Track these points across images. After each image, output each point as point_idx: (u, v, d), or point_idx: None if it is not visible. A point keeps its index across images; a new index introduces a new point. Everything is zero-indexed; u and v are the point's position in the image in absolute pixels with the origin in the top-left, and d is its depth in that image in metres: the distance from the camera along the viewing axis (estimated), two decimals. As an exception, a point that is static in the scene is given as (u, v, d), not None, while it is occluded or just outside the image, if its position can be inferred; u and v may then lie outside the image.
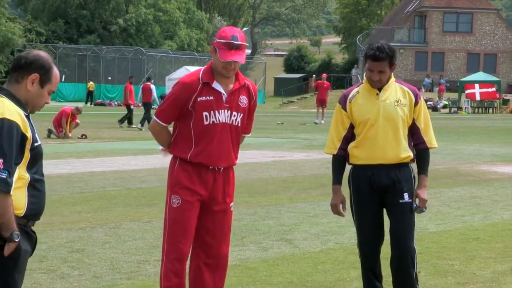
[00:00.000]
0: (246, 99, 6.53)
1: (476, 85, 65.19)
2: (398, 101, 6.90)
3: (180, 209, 6.38)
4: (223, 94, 6.38)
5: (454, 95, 69.23)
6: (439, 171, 20.29)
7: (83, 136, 31.04)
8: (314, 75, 61.15)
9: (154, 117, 6.58)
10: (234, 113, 6.43)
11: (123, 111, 45.24)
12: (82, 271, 9.31)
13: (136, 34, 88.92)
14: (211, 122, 6.35)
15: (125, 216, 12.94)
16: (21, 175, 4.88)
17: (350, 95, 7.02)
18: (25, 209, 4.93)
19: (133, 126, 38.64)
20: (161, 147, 6.84)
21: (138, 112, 40.35)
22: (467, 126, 44.18)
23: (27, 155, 4.89)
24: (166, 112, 6.50)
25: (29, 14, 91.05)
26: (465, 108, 64.29)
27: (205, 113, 6.33)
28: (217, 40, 6.32)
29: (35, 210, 5.01)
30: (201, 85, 6.34)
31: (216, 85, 6.37)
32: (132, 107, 39.20)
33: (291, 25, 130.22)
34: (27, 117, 4.96)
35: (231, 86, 6.44)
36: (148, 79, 40.93)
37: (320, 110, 44.38)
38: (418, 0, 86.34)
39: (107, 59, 78.99)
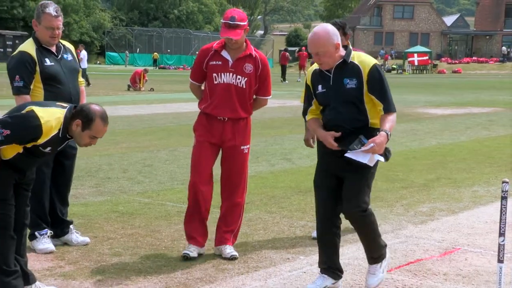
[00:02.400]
0: (252, 66, 5.66)
1: (415, 54, 65.83)
2: None
3: (196, 148, 5.83)
4: (229, 60, 5.62)
5: (400, 61, 69.08)
6: (390, 113, 20.23)
7: (151, 89, 31.06)
8: (298, 49, 60.77)
9: (190, 79, 5.93)
10: (239, 76, 5.63)
11: (179, 73, 44.94)
12: (151, 179, 9.38)
13: (186, 20, 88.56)
14: (218, 82, 5.64)
15: (180, 143, 12.97)
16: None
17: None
18: None
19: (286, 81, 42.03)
20: None
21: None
22: (409, 82, 43.94)
23: None
24: (194, 73, 5.86)
25: (115, 6, 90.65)
26: (407, 70, 64.18)
27: (214, 74, 5.64)
28: (222, 20, 5.64)
29: None
30: (212, 52, 5.66)
31: (224, 53, 5.64)
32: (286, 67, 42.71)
33: (290, 14, 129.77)
34: (64, 137, 4.46)
35: (239, 54, 5.65)
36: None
37: (302, 72, 44.89)
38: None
39: (167, 37, 78.41)
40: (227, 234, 5.85)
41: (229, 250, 5.77)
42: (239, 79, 5.65)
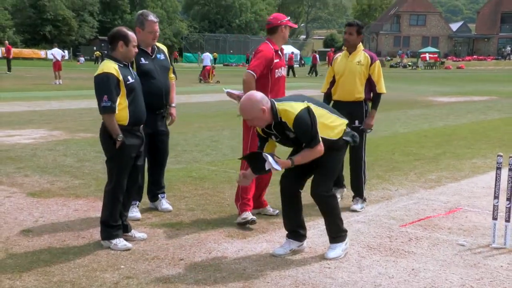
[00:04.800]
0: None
1: (427, 53, 65.08)
2: (359, 62, 5.89)
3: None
4: (282, 56, 5.48)
5: (414, 59, 68.15)
6: (405, 100, 19.91)
7: (218, 82, 31.17)
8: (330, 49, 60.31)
9: (250, 71, 5.31)
10: (284, 68, 5.51)
11: (239, 69, 44.86)
12: (217, 151, 9.43)
13: (245, 28, 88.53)
14: (279, 75, 5.41)
15: (239, 123, 12.94)
16: (122, 101, 4.49)
17: (335, 57, 6.12)
18: (128, 120, 4.54)
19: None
20: (227, 90, 5.75)
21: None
22: (421, 76, 43.16)
23: (123, 90, 4.47)
24: (259, 68, 5.30)
25: (190, 17, 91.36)
26: (420, 66, 63.14)
27: (276, 70, 5.37)
28: (287, 24, 5.48)
29: (134, 120, 4.58)
30: (274, 53, 5.37)
31: (279, 52, 5.45)
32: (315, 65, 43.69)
33: (327, 22, 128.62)
34: (124, 66, 4.57)
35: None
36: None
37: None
38: (396, 7, 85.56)
39: (230, 41, 78.56)
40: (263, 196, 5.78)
41: (272, 209, 5.74)
42: (285, 70, 5.55)
